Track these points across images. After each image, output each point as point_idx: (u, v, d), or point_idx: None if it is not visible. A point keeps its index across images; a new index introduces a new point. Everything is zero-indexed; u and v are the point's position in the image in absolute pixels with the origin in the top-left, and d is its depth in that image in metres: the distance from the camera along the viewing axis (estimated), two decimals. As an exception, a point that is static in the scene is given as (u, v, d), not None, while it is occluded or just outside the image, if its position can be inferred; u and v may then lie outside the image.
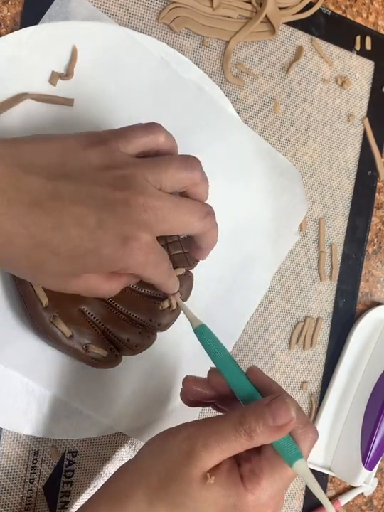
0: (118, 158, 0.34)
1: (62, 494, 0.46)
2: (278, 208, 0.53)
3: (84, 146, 0.33)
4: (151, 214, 0.33)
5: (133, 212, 0.32)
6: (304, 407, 0.57)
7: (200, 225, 0.36)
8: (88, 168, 0.33)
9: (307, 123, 0.55)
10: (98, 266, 0.33)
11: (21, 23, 0.43)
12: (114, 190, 0.32)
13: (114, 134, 0.35)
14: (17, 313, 0.42)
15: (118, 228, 0.32)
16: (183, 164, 0.35)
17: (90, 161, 0.33)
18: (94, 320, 0.42)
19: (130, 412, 0.47)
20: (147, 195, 0.33)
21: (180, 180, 0.35)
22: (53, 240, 0.31)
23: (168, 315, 0.45)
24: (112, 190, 0.32)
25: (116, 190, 0.32)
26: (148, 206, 0.33)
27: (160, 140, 0.36)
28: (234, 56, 0.51)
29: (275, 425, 0.33)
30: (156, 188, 0.34)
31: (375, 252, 0.60)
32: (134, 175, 0.33)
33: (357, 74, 0.58)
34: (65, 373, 0.44)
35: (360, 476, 0.56)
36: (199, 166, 0.36)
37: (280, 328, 0.55)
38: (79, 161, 0.33)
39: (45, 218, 0.31)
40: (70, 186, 0.32)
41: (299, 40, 0.54)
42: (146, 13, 0.47)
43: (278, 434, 0.34)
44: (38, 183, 0.31)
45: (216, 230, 0.38)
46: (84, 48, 0.44)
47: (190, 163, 0.36)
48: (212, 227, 0.38)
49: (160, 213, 0.33)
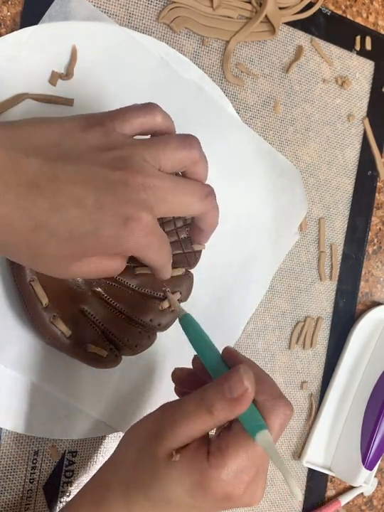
0: (115, 139, 0.33)
1: (62, 494, 0.46)
2: (278, 208, 0.53)
3: (82, 127, 0.33)
4: (151, 193, 0.33)
5: (132, 192, 0.32)
6: (304, 407, 0.57)
7: (200, 205, 0.36)
8: (86, 149, 0.33)
9: (307, 123, 0.55)
10: (98, 248, 0.33)
11: (21, 23, 0.43)
12: (112, 170, 0.32)
13: (111, 115, 0.35)
14: (17, 313, 0.42)
15: (118, 208, 0.32)
16: (181, 143, 0.35)
17: (88, 142, 0.33)
18: (94, 320, 0.42)
19: (130, 412, 0.47)
20: (146, 174, 0.33)
21: (179, 159, 0.35)
22: (51, 221, 0.31)
23: (168, 315, 0.45)
24: (111, 170, 0.32)
25: (115, 171, 0.32)
26: (147, 185, 0.32)
27: (157, 120, 0.35)
28: (234, 56, 0.51)
29: (231, 397, 0.32)
30: (155, 168, 0.34)
31: (375, 252, 0.60)
32: (132, 155, 0.33)
33: (357, 74, 0.58)
34: (64, 373, 0.44)
35: (360, 476, 0.56)
36: (198, 145, 0.36)
37: (280, 328, 0.55)
38: (77, 142, 0.33)
39: (43, 199, 0.31)
40: (68, 167, 0.32)
41: (299, 40, 0.54)
42: (146, 13, 0.47)
43: (237, 408, 0.32)
44: (35, 165, 0.31)
45: (217, 211, 0.38)
46: (84, 47, 0.44)
47: (188, 142, 0.35)
48: (213, 207, 0.37)
49: (159, 193, 0.33)
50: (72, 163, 0.32)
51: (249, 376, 0.33)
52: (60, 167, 0.31)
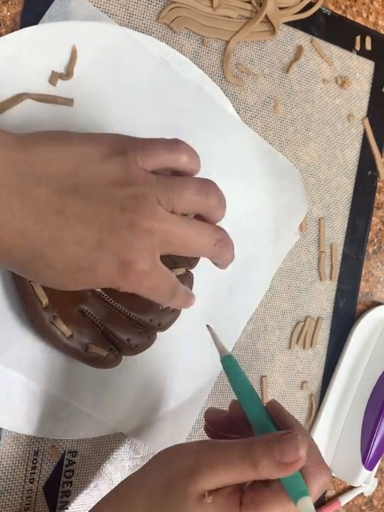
0: (134, 175, 0.33)
1: (62, 494, 0.46)
2: (278, 208, 0.53)
3: (102, 156, 0.32)
4: (156, 238, 0.32)
5: (136, 237, 0.32)
6: (304, 407, 0.57)
7: (209, 251, 0.35)
8: (101, 183, 0.32)
9: (307, 123, 0.55)
10: (91, 283, 0.33)
11: (21, 23, 0.43)
12: (121, 211, 0.32)
13: (136, 146, 0.34)
14: (17, 313, 0.42)
15: (117, 251, 0.32)
16: (198, 189, 0.34)
17: (105, 176, 0.32)
18: (94, 320, 0.42)
19: (130, 412, 0.47)
20: (155, 218, 0.32)
21: (193, 205, 0.34)
22: (50, 254, 0.31)
23: (168, 315, 0.45)
24: (120, 211, 0.32)
25: (124, 212, 0.32)
26: (153, 230, 0.32)
27: (182, 161, 0.34)
28: (234, 56, 0.51)
29: (282, 461, 0.32)
30: (166, 211, 0.33)
31: (375, 252, 0.60)
32: (146, 196, 0.32)
33: (357, 74, 0.58)
34: (65, 373, 0.44)
35: (360, 476, 0.56)
36: (215, 191, 0.35)
37: (280, 328, 0.55)
38: (93, 173, 0.32)
39: (46, 232, 0.31)
40: (77, 202, 0.31)
41: (299, 40, 0.54)
42: (146, 13, 0.47)
43: (284, 471, 0.32)
44: (45, 195, 0.31)
45: (229, 253, 0.37)
46: (84, 47, 0.44)
47: (206, 189, 0.34)
48: (223, 253, 0.36)
49: (166, 237, 0.33)
50: (82, 198, 0.31)
51: (305, 445, 0.33)
52: (68, 201, 0.31)
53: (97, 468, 0.47)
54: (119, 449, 0.48)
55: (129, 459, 0.48)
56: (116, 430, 0.47)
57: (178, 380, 0.49)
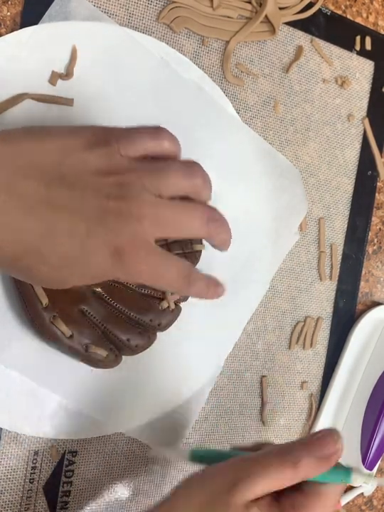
0: (118, 163, 0.33)
1: (62, 494, 0.46)
2: (278, 208, 0.53)
3: (85, 145, 0.33)
4: (146, 223, 0.32)
5: (124, 223, 0.32)
6: (303, 407, 0.57)
7: (202, 231, 0.35)
8: (86, 172, 0.32)
9: (307, 123, 0.55)
10: (87, 276, 0.33)
11: (21, 23, 0.43)
12: (108, 199, 0.32)
13: (117, 134, 0.34)
14: (17, 313, 0.42)
15: (107, 239, 0.31)
16: (183, 171, 0.34)
17: (89, 165, 0.32)
18: (94, 320, 0.42)
19: (130, 412, 0.47)
20: (142, 203, 0.32)
21: (180, 187, 0.34)
22: (42, 247, 0.31)
23: (168, 315, 0.45)
24: (107, 198, 0.32)
25: (111, 200, 0.32)
26: (142, 215, 0.32)
27: (164, 146, 0.35)
28: (234, 56, 0.51)
29: (322, 455, 0.34)
30: (154, 195, 0.33)
31: (375, 252, 0.60)
32: (132, 182, 0.32)
33: (357, 74, 0.58)
34: (64, 373, 0.44)
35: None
36: (201, 173, 0.35)
37: (280, 328, 0.55)
38: (78, 163, 0.32)
39: (36, 225, 0.31)
40: (64, 191, 0.31)
41: (299, 40, 0.54)
42: (146, 13, 0.47)
43: (324, 465, 0.34)
44: (32, 187, 0.31)
45: (224, 232, 0.37)
46: (84, 47, 0.44)
47: (191, 170, 0.35)
48: (218, 232, 0.36)
49: (156, 220, 0.33)
50: (68, 187, 0.31)
51: (340, 437, 0.35)
52: (55, 191, 0.31)
53: (97, 468, 0.47)
54: (119, 449, 0.48)
55: (129, 459, 0.48)
56: (116, 430, 0.47)
57: (178, 380, 0.49)
